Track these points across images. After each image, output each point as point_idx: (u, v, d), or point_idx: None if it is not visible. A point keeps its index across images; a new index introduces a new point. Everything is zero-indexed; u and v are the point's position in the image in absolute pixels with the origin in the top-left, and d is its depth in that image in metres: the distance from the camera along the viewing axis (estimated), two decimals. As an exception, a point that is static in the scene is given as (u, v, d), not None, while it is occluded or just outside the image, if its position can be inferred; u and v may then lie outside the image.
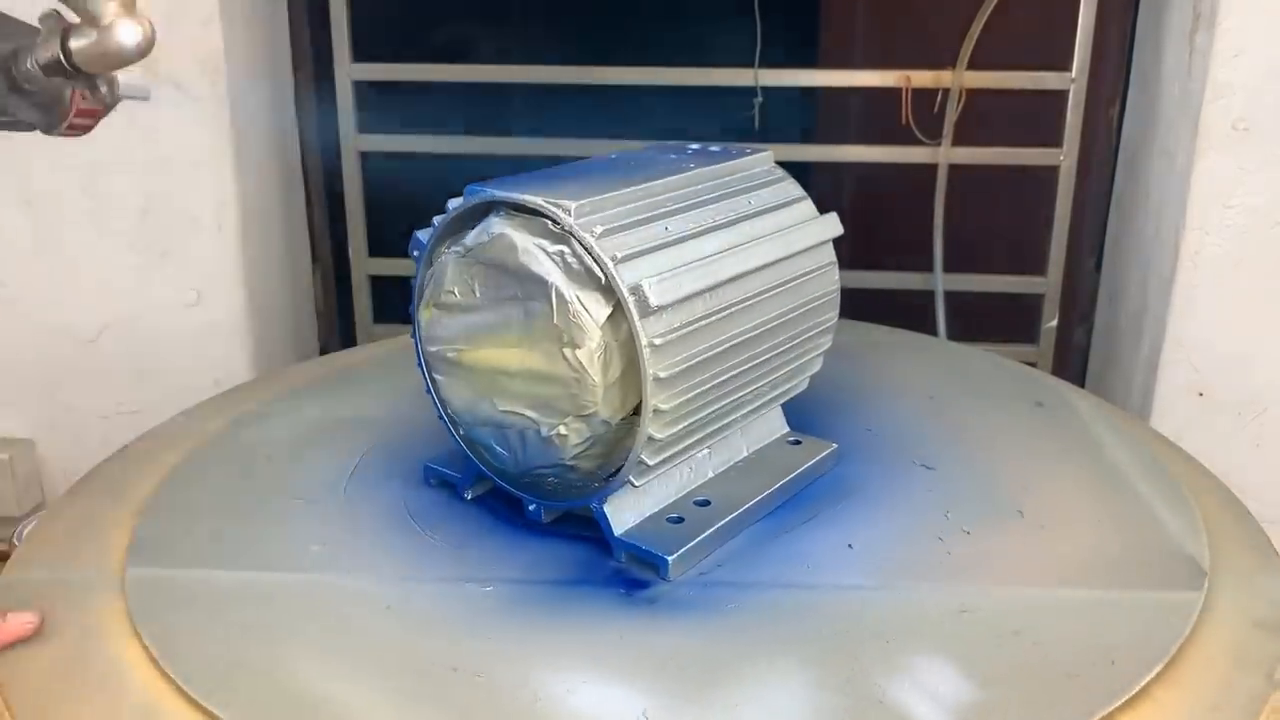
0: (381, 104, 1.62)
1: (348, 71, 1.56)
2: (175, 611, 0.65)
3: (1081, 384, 1.55)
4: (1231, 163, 1.25)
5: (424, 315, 0.72)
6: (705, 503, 0.74)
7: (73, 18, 0.49)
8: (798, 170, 0.81)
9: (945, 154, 1.52)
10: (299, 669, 0.60)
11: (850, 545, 0.72)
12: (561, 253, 0.65)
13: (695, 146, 0.81)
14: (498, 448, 0.71)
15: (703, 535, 0.70)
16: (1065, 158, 1.51)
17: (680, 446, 0.71)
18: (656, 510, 0.72)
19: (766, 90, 1.51)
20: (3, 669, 0.62)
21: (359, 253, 1.65)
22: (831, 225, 0.78)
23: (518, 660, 0.61)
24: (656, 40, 1.74)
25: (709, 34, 1.60)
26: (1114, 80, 1.50)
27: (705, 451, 0.75)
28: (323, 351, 1.67)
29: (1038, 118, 1.55)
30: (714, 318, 0.68)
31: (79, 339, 1.45)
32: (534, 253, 0.65)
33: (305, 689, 0.59)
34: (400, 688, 0.59)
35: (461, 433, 0.74)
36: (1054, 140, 1.51)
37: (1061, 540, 0.72)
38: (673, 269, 0.66)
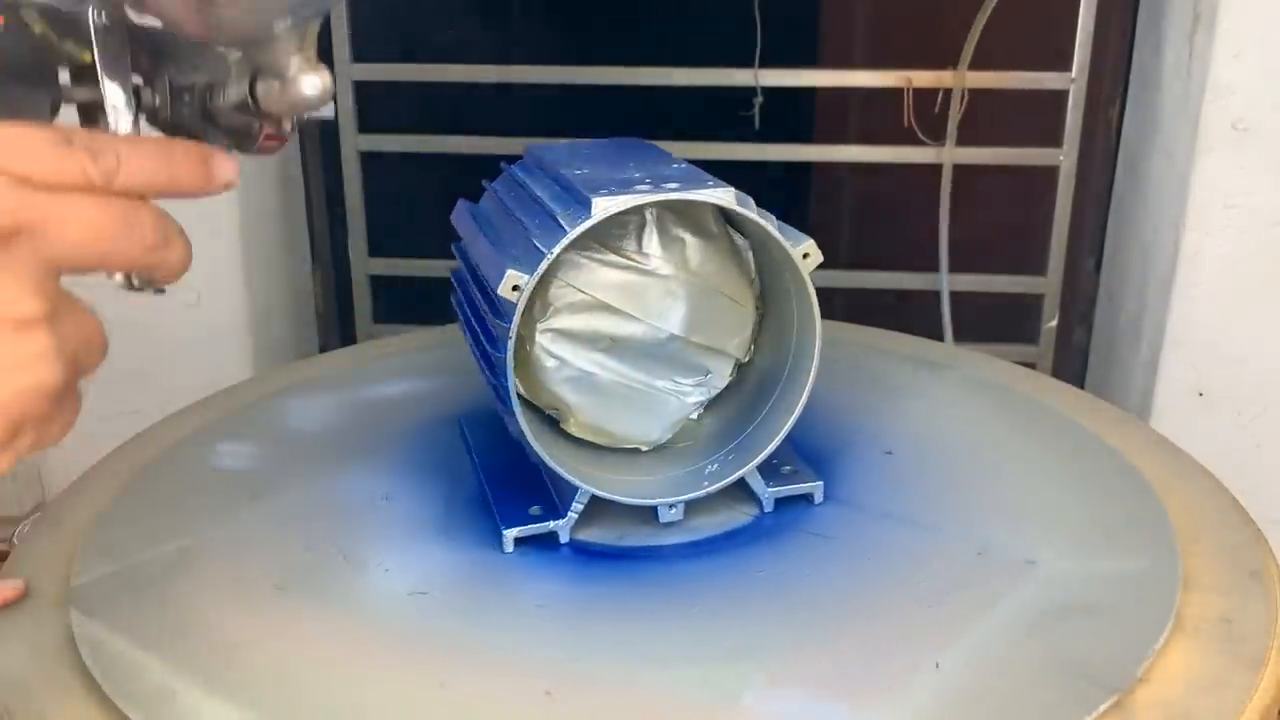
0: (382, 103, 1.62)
1: (348, 72, 1.56)
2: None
3: (1081, 384, 1.55)
4: (1231, 163, 1.25)
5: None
6: None
7: None
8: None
9: (949, 154, 1.52)
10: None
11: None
12: None
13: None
14: None
15: None
16: (1065, 158, 1.51)
17: None
18: None
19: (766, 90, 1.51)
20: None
21: (359, 253, 1.65)
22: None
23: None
24: (656, 39, 1.73)
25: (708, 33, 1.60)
26: (1114, 80, 1.49)
27: None
28: (322, 350, 1.67)
29: (1037, 117, 1.54)
30: None
31: (79, 339, 1.45)
32: None
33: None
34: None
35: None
36: (1054, 140, 1.51)
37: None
38: None
